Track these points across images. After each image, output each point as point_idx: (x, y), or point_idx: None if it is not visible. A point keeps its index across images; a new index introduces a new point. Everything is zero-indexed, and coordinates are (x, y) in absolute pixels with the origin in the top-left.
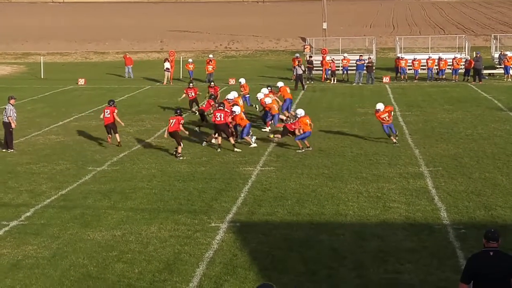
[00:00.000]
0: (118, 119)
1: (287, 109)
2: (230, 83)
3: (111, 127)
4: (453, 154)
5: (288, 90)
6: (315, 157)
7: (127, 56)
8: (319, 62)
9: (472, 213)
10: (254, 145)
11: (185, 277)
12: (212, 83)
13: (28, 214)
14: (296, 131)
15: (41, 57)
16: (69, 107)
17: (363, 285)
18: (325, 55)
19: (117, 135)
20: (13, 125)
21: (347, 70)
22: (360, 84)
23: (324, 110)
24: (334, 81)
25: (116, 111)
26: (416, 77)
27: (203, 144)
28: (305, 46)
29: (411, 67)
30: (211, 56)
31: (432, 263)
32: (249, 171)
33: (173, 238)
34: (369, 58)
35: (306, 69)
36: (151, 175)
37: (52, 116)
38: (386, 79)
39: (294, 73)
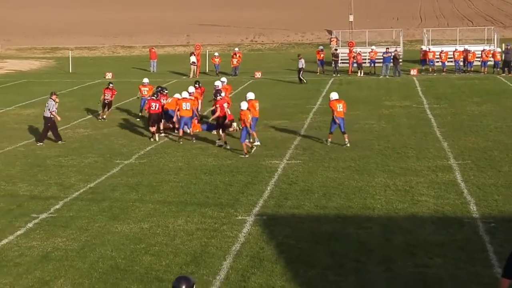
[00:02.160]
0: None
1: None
2: (256, 76)
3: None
4: (482, 147)
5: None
6: (342, 150)
7: (153, 50)
8: (346, 54)
9: (502, 206)
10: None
11: (212, 270)
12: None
13: (57, 206)
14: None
15: (69, 51)
16: (96, 101)
17: (391, 278)
18: (352, 48)
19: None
20: (58, 119)
21: (374, 63)
22: (387, 76)
23: (351, 103)
24: (361, 73)
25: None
26: (444, 70)
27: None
28: (331, 39)
29: (438, 60)
30: (236, 49)
31: (461, 257)
32: (276, 164)
33: (200, 231)
34: (395, 50)
35: (332, 62)
36: (178, 168)
37: (80, 109)
38: (413, 72)
39: (319, 66)
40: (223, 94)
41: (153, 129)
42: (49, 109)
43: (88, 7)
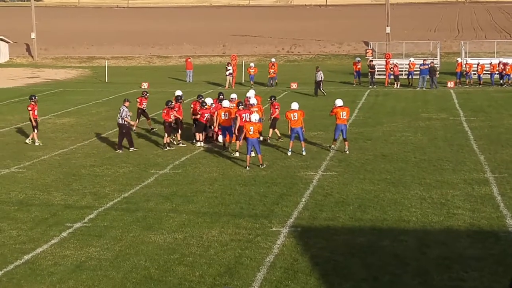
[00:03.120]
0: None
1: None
2: (292, 87)
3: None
4: None
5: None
6: (378, 162)
7: (189, 60)
8: (383, 66)
9: None
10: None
11: (246, 281)
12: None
13: (91, 216)
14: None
15: (106, 61)
16: (132, 111)
17: None
18: (389, 59)
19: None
20: (134, 125)
21: (412, 75)
22: (424, 89)
23: (387, 115)
24: (397, 85)
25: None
26: (481, 82)
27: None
28: (368, 50)
29: (475, 72)
30: (273, 60)
31: (498, 271)
32: (311, 175)
33: (234, 242)
34: (432, 62)
35: (369, 73)
36: (213, 178)
37: (115, 119)
38: (450, 84)
39: (356, 78)
40: (254, 101)
41: (166, 139)
42: (121, 116)
43: (125, 17)
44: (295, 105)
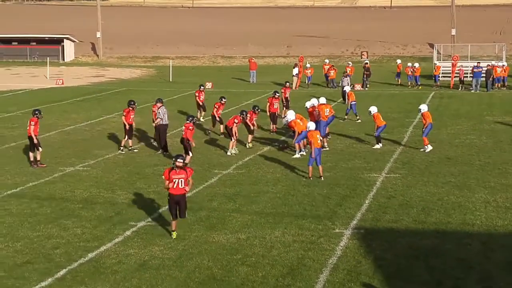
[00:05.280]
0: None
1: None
2: (356, 89)
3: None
4: None
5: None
6: (442, 165)
7: (252, 60)
8: (448, 68)
9: None
10: (297, 156)
11: (309, 283)
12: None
13: (155, 215)
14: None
15: (170, 60)
16: (196, 111)
17: None
18: (456, 62)
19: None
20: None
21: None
22: (478, 91)
23: (452, 117)
24: (462, 88)
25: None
26: None
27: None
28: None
29: None
30: (327, 61)
31: None
32: (374, 177)
33: (297, 243)
34: (488, 65)
35: (363, 75)
36: (276, 179)
37: (180, 118)
38: None
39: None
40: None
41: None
42: (160, 117)
43: (189, 17)
44: (323, 99)
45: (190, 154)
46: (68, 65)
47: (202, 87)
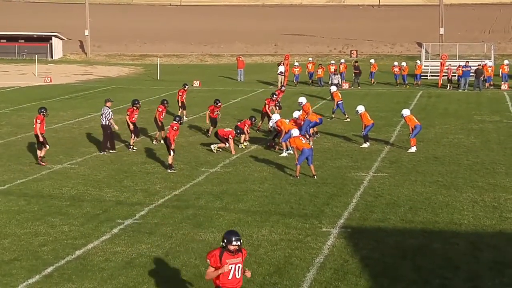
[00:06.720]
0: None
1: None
2: (343, 88)
3: None
4: None
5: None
6: (430, 164)
7: (240, 59)
8: (437, 67)
9: None
10: (284, 154)
11: (295, 281)
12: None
13: (142, 213)
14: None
15: (158, 58)
16: (178, 110)
17: None
18: (444, 61)
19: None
20: (116, 127)
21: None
22: (466, 91)
23: (440, 117)
24: (450, 87)
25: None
26: None
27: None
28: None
29: None
30: (310, 59)
31: None
32: (362, 176)
33: (284, 242)
34: (479, 65)
35: (353, 74)
36: (263, 177)
37: (167, 117)
38: (504, 87)
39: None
40: None
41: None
42: (106, 117)
43: (177, 15)
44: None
45: (172, 153)
46: (56, 63)
47: (186, 86)
